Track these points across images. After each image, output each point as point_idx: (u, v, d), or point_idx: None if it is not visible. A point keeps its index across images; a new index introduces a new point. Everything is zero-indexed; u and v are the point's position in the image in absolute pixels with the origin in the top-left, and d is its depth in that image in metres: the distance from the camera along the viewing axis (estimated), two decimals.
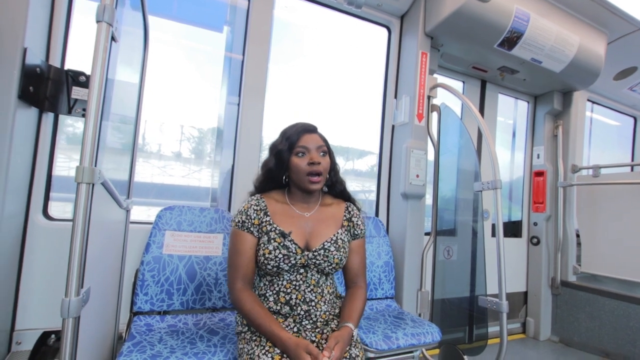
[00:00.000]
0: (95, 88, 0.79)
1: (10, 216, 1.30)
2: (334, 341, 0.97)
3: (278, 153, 1.13)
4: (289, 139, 1.13)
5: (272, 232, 1.08)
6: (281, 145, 1.13)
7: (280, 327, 0.99)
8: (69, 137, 1.64)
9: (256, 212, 1.12)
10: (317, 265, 1.09)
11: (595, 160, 3.41)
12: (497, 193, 1.69)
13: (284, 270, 1.07)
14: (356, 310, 1.12)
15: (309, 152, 1.11)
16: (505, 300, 1.60)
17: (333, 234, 1.15)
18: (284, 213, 1.14)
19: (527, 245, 2.86)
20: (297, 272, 1.09)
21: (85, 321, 0.85)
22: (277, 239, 1.07)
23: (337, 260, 1.11)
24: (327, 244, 1.11)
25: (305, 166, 1.10)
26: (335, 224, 1.19)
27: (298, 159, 1.11)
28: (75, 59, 1.55)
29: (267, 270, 1.08)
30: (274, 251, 1.05)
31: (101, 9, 0.80)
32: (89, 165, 0.77)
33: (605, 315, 2.40)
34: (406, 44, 2.23)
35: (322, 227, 1.15)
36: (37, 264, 1.43)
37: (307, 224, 1.14)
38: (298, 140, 1.12)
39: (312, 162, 1.09)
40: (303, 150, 1.11)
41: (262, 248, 1.07)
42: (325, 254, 1.10)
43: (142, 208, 1.85)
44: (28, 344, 1.38)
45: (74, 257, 0.76)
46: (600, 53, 2.35)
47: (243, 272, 1.08)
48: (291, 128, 1.17)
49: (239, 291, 1.06)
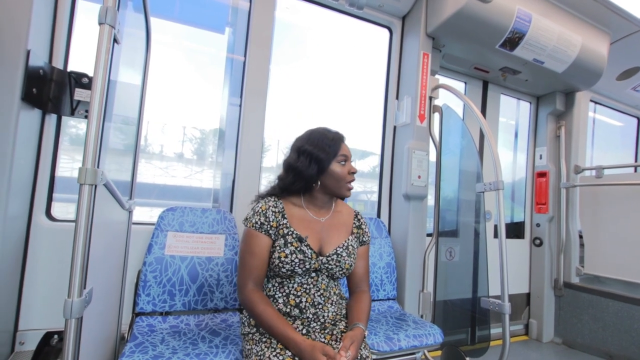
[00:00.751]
0: (98, 90, 0.80)
1: (13, 217, 1.30)
2: (350, 341, 0.98)
3: (317, 158, 1.12)
4: (330, 147, 1.13)
5: (289, 235, 1.09)
6: (322, 153, 1.12)
7: (293, 330, 0.98)
8: (72, 138, 1.65)
9: (274, 214, 1.11)
10: (329, 270, 1.11)
11: (598, 161, 3.40)
12: (499, 194, 1.68)
13: (297, 274, 1.08)
14: (364, 312, 1.14)
15: (348, 161, 1.17)
16: (508, 301, 1.59)
17: (345, 239, 1.17)
18: (300, 217, 1.15)
19: (529, 246, 2.85)
20: (309, 276, 1.10)
21: (87, 322, 0.85)
22: (294, 243, 1.07)
23: (347, 265, 1.13)
24: (340, 249, 1.13)
25: (346, 175, 1.15)
26: (346, 231, 1.21)
27: (341, 166, 1.14)
28: (78, 60, 1.56)
29: (279, 273, 1.08)
30: (290, 255, 1.06)
31: (103, 11, 0.80)
32: (92, 166, 0.77)
33: (609, 317, 2.38)
34: (408, 45, 2.22)
35: (334, 233, 1.17)
36: (40, 265, 1.44)
37: (321, 229, 1.16)
38: (340, 148, 1.15)
39: (353, 172, 1.17)
40: (344, 158, 1.16)
41: (278, 251, 1.07)
42: (338, 260, 1.11)
43: (144, 209, 1.85)
44: (31, 344, 1.39)
45: (77, 258, 0.76)
46: (603, 53, 2.34)
47: (256, 273, 1.08)
48: (325, 135, 1.16)
49: (251, 292, 1.06)
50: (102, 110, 0.80)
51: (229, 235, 1.63)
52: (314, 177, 1.13)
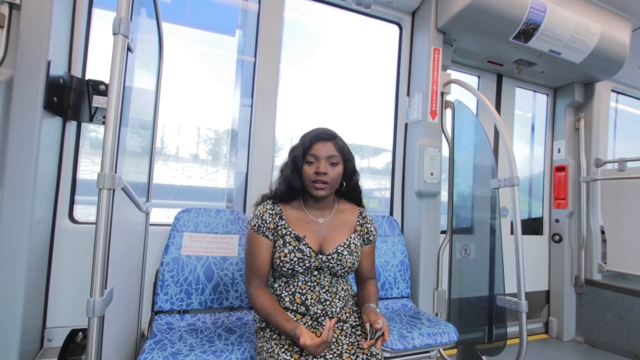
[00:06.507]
0: (114, 98, 0.83)
1: (39, 221, 1.37)
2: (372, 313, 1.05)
3: (294, 159, 1.15)
4: (302, 146, 1.14)
5: (288, 235, 1.12)
6: (297, 152, 1.15)
7: (285, 320, 1.01)
8: (92, 142, 1.72)
9: (271, 217, 1.15)
10: (330, 269, 1.13)
11: (621, 153, 3.26)
12: (514, 190, 1.65)
13: (299, 273, 1.11)
14: (373, 294, 1.19)
15: (317, 161, 1.12)
16: (525, 299, 1.56)
17: (346, 238, 1.17)
18: (299, 218, 1.17)
19: (548, 242, 2.77)
20: (311, 274, 1.12)
21: (109, 320, 0.89)
22: (292, 242, 1.11)
23: (349, 264, 1.14)
24: (340, 248, 1.14)
25: (311, 174, 1.12)
26: (349, 230, 1.21)
27: (308, 166, 1.13)
28: (95, 68, 1.62)
29: (282, 272, 1.12)
30: (289, 254, 1.09)
31: (117, 21, 0.83)
32: (110, 171, 0.81)
33: (634, 316, 2.29)
34: (418, 41, 2.20)
35: (335, 233, 1.18)
36: (64, 266, 1.51)
37: (320, 229, 1.17)
38: (310, 148, 1.13)
39: (318, 171, 1.11)
40: (312, 159, 1.13)
41: (278, 251, 1.11)
42: (339, 258, 1.12)
43: (162, 210, 1.91)
44: (58, 340, 1.46)
45: (98, 259, 0.80)
46: (624, 41, 2.25)
47: (258, 272, 1.13)
48: (308, 134, 1.18)
49: (254, 288, 1.12)
50: (118, 117, 0.84)
51: (242, 235, 1.66)
52: (296, 180, 1.15)
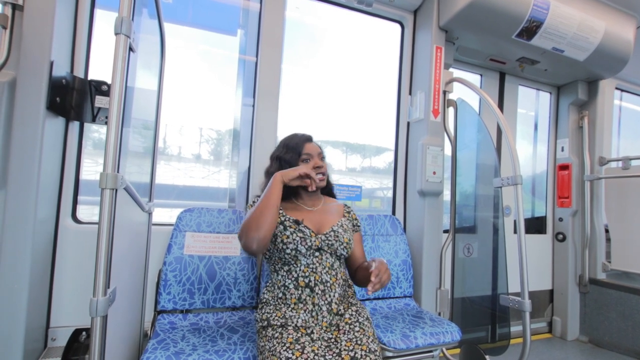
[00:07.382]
0: (116, 98, 0.83)
1: (42, 221, 1.37)
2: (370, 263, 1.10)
3: (286, 162, 1.27)
4: (295, 149, 1.28)
5: (287, 221, 1.20)
6: (288, 155, 1.28)
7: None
8: (95, 142, 1.72)
9: None
10: (330, 247, 1.19)
11: (625, 151, 3.24)
12: (517, 189, 1.64)
13: (301, 254, 1.16)
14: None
15: (312, 158, 1.29)
16: (528, 299, 1.55)
17: (338, 220, 1.30)
18: (294, 208, 1.28)
19: (552, 241, 2.76)
20: (313, 255, 1.18)
21: (112, 319, 0.89)
22: (292, 225, 1.19)
23: (346, 239, 1.23)
24: (336, 227, 1.25)
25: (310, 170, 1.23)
26: (338, 215, 1.35)
27: (305, 164, 1.28)
28: (98, 68, 1.62)
29: (285, 256, 1.16)
30: (291, 235, 1.16)
31: (119, 21, 0.83)
32: (112, 171, 0.81)
33: (639, 315, 2.28)
34: (420, 39, 2.19)
35: (328, 217, 1.30)
36: (68, 266, 1.51)
37: (314, 216, 1.28)
38: (303, 148, 1.29)
39: (316, 166, 1.28)
40: (307, 157, 1.28)
41: (280, 236, 1.17)
42: (336, 235, 1.22)
43: (165, 209, 1.91)
44: (62, 340, 1.46)
45: (100, 259, 0.80)
46: (628, 38, 2.23)
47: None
48: (292, 139, 1.32)
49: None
50: (120, 117, 0.84)
51: None
52: None
